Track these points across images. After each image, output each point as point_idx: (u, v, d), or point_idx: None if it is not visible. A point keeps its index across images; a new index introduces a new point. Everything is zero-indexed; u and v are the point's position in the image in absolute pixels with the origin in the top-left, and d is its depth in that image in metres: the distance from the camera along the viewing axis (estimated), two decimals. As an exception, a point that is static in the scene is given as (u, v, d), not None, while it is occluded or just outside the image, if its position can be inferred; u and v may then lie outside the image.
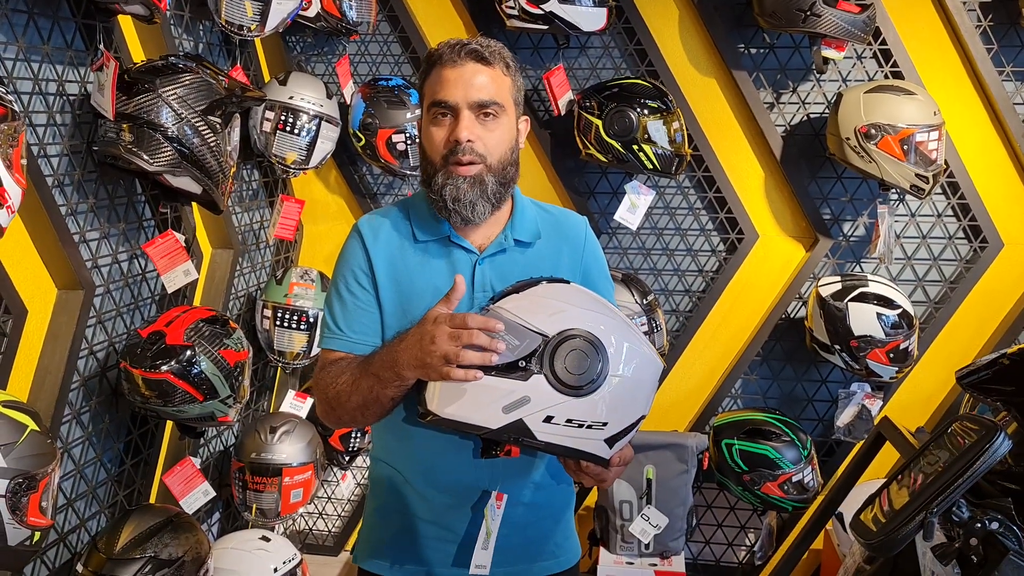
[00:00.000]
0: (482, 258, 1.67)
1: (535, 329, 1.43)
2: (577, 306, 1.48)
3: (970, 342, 3.18)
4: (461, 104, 1.60)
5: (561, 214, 1.81)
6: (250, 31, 2.66)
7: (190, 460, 2.74)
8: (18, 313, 2.14)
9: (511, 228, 1.70)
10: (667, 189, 3.33)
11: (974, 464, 1.23)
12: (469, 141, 1.60)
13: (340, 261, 1.72)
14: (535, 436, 1.43)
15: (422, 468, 1.69)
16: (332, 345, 1.67)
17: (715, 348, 3.37)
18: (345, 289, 1.68)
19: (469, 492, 1.68)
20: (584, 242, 1.78)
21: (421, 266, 1.67)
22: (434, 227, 1.68)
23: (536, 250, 1.72)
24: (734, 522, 3.45)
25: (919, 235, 3.19)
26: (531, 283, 1.53)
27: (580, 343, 1.43)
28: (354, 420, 1.64)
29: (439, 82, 1.62)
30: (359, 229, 1.71)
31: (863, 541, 1.32)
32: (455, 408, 1.44)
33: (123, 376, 2.43)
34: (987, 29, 3.02)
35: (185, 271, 2.56)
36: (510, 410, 1.42)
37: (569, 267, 1.74)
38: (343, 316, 1.67)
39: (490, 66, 1.63)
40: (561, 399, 1.42)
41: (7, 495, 1.72)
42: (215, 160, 2.36)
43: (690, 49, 3.25)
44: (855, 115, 2.86)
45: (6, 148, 1.70)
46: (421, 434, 1.65)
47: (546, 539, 1.78)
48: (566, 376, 1.42)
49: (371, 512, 1.80)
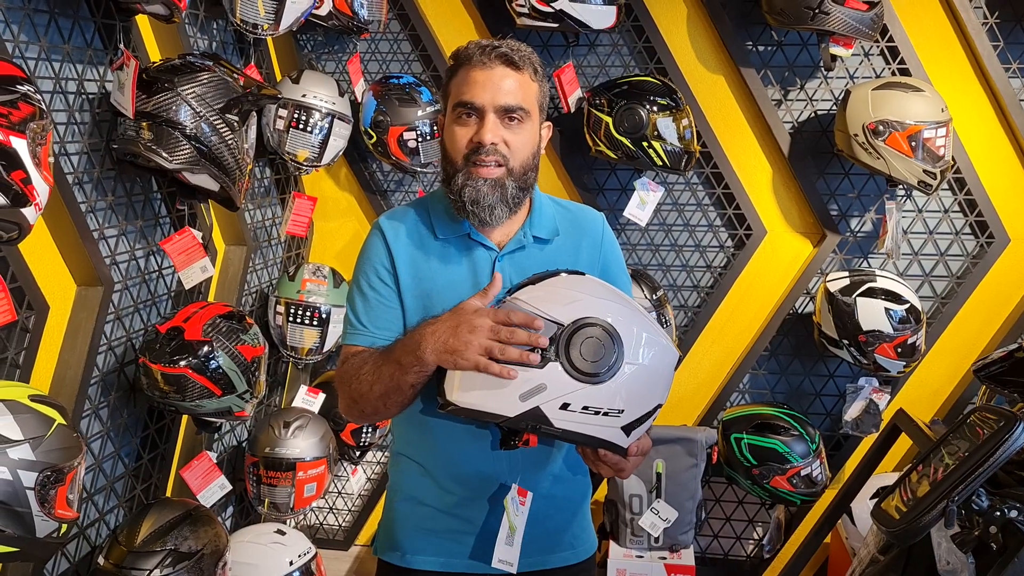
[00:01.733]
0: (502, 255, 1.69)
1: (550, 317, 1.45)
2: (592, 296, 1.50)
3: (977, 337, 3.21)
4: (488, 106, 1.61)
5: (579, 210, 1.83)
6: (264, 30, 2.69)
7: (207, 455, 2.76)
8: (40, 309, 2.17)
9: (530, 225, 1.72)
10: (676, 185, 3.36)
11: (995, 453, 1.25)
12: (493, 144, 1.61)
13: (362, 258, 1.73)
14: (552, 423, 1.45)
15: (442, 460, 1.71)
16: (355, 341, 1.68)
17: (723, 343, 3.40)
18: (368, 286, 1.69)
19: (487, 483, 1.70)
20: (602, 238, 1.80)
21: (442, 263, 1.69)
22: (454, 225, 1.70)
23: (555, 246, 1.74)
24: (742, 516, 3.48)
25: (926, 231, 3.22)
26: (548, 275, 1.55)
27: (596, 331, 1.44)
28: (376, 411, 1.65)
29: (466, 82, 1.63)
30: (380, 227, 1.73)
31: (886, 529, 1.35)
32: (473, 397, 1.46)
33: (141, 371, 2.46)
34: (993, 26, 3.05)
35: (202, 267, 2.59)
36: (527, 398, 1.44)
37: (588, 263, 1.75)
38: (366, 312, 1.68)
39: (519, 71, 1.64)
40: (578, 386, 1.44)
41: (36, 487, 1.75)
42: (232, 157, 2.38)
43: (698, 47, 3.27)
44: (863, 112, 2.88)
45: (35, 146, 1.72)
46: (440, 425, 1.67)
47: (564, 530, 1.80)
48: (582, 363, 1.44)
49: (392, 506, 1.82)
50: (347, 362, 1.68)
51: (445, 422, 1.65)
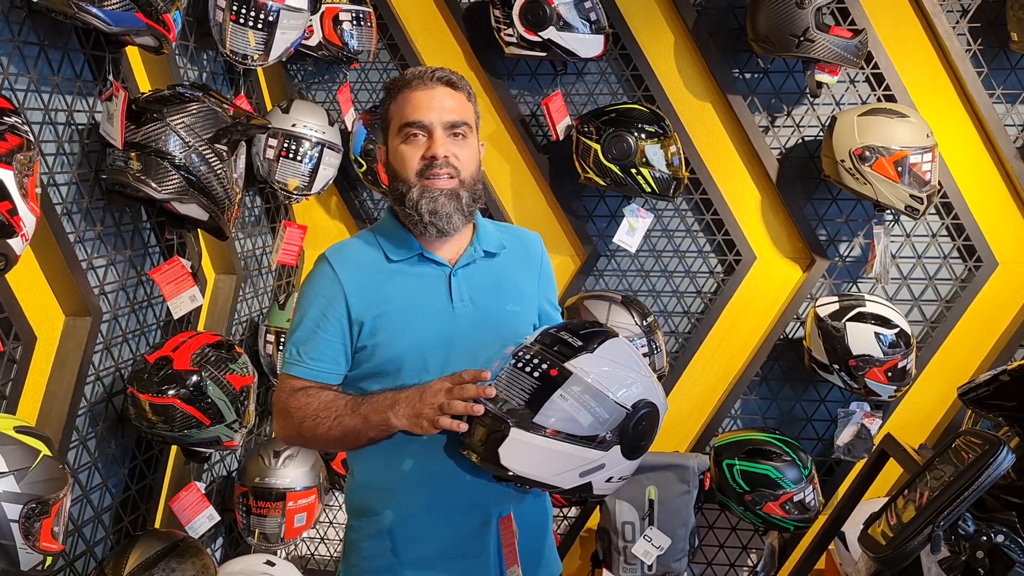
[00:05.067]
0: (456, 269, 1.75)
1: (619, 401, 1.52)
2: (640, 372, 1.59)
3: (967, 360, 3.21)
4: (436, 123, 1.70)
5: (519, 231, 1.96)
6: (254, 60, 2.70)
7: (196, 485, 2.75)
8: (27, 339, 2.16)
9: (478, 240, 1.80)
10: (665, 212, 3.37)
11: (979, 477, 1.25)
12: (445, 157, 1.69)
13: (306, 290, 1.77)
14: (593, 492, 1.57)
15: (417, 490, 1.72)
16: (293, 371, 1.73)
17: (714, 369, 3.40)
18: (309, 318, 1.74)
19: (469, 511, 1.73)
20: (541, 257, 1.93)
21: (397, 285, 1.74)
22: (405, 246, 1.76)
23: (503, 259, 1.83)
24: (736, 543, 3.46)
25: (914, 255, 3.23)
26: (590, 334, 1.60)
27: (648, 414, 1.55)
28: (324, 447, 1.78)
29: (410, 104, 1.71)
30: (328, 259, 1.78)
31: (872, 555, 1.35)
32: (534, 468, 1.52)
33: (129, 401, 2.45)
34: (977, 52, 3.09)
35: (191, 297, 2.59)
36: (586, 475, 1.53)
37: (528, 278, 1.86)
38: (304, 344, 1.73)
39: (458, 91, 1.75)
40: (625, 463, 1.55)
41: (20, 520, 1.73)
42: (221, 187, 2.39)
43: (685, 74, 3.30)
44: (849, 138, 2.91)
45: (22, 177, 1.73)
46: (417, 455, 1.71)
47: (535, 551, 1.85)
48: (636, 445, 1.55)
49: (358, 544, 1.80)
50: (293, 396, 1.71)
51: (423, 454, 1.70)
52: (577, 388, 1.51)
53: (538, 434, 1.49)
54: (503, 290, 1.79)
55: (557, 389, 1.50)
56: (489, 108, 3.40)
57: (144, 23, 2.10)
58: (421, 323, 1.70)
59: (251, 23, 2.61)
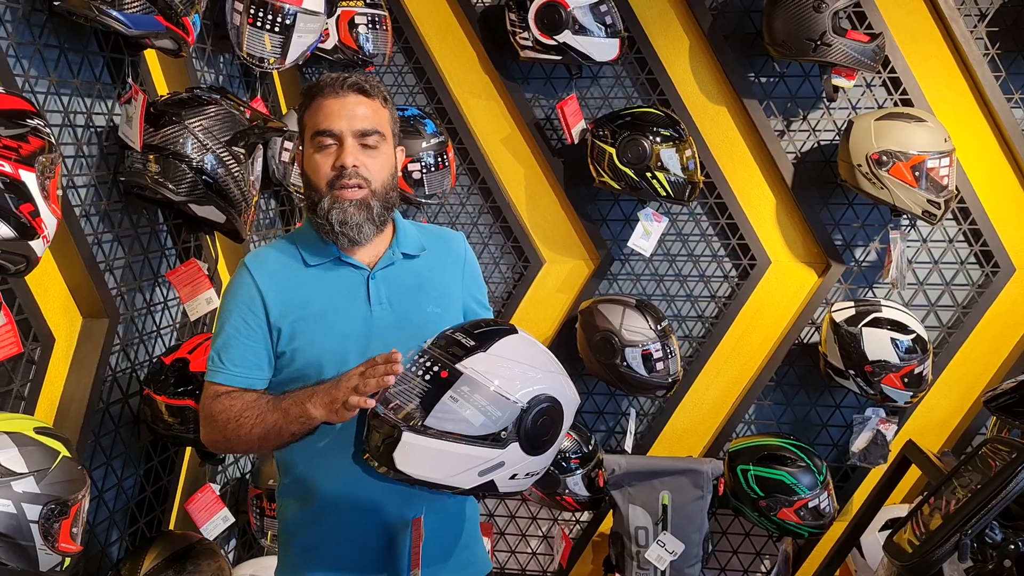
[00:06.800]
0: (374, 272, 1.76)
1: (513, 398, 1.53)
2: (539, 368, 1.60)
3: (984, 366, 3.20)
4: (345, 132, 1.70)
5: (442, 231, 1.95)
6: (270, 64, 2.70)
7: (210, 487, 2.74)
8: (45, 341, 2.17)
9: (397, 243, 1.81)
10: (680, 216, 3.37)
11: (1008, 485, 1.24)
12: (355, 166, 1.70)
13: (227, 298, 1.78)
14: (498, 489, 1.58)
15: (337, 491, 1.74)
16: (215, 379, 1.74)
17: (728, 374, 3.39)
18: (230, 324, 1.74)
19: (384, 514, 1.73)
20: (464, 256, 1.91)
21: (315, 289, 1.75)
22: (323, 251, 1.77)
23: (422, 261, 1.83)
24: (750, 548, 3.45)
25: (931, 260, 3.22)
26: (485, 334, 1.61)
27: (548, 409, 1.56)
28: (248, 449, 1.77)
29: (322, 112, 1.72)
30: (246, 264, 1.79)
31: (899, 563, 1.34)
32: (429, 471, 1.53)
33: (145, 403, 2.45)
34: (995, 57, 3.07)
35: (207, 299, 2.59)
36: (486, 473, 1.54)
37: (451, 278, 1.85)
38: (225, 350, 1.74)
39: (371, 98, 1.74)
40: (527, 459, 1.56)
41: (40, 521, 1.73)
42: (238, 189, 2.39)
43: (701, 78, 3.29)
44: (866, 142, 2.90)
45: (44, 179, 1.73)
46: (333, 459, 1.72)
47: (457, 545, 1.84)
48: (536, 441, 1.55)
49: (291, 551, 1.82)
50: (216, 401, 1.72)
51: (340, 459, 1.71)
52: (467, 388, 1.52)
53: (430, 436, 1.51)
54: (424, 292, 1.79)
55: (447, 391, 1.52)
56: (504, 112, 3.41)
57: (164, 26, 2.10)
58: (339, 327, 1.71)
59: (268, 26, 2.60)
